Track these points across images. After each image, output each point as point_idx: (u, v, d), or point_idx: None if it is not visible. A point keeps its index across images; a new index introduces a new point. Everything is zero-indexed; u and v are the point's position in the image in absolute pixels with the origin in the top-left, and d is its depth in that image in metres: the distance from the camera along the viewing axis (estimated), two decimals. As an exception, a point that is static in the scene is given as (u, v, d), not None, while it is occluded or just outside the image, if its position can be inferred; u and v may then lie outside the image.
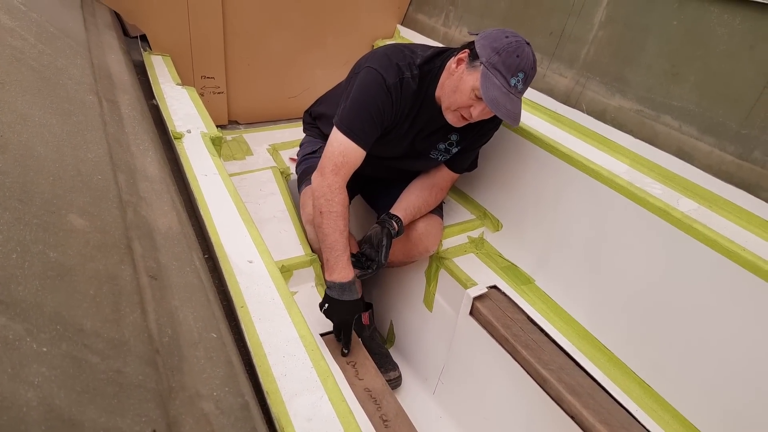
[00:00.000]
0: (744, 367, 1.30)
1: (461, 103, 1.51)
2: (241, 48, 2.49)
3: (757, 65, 1.50)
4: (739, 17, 1.54)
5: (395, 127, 1.65)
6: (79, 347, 0.53)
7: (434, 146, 1.74)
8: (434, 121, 1.65)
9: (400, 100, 1.58)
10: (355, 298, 1.53)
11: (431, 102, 1.62)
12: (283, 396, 0.89)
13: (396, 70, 1.56)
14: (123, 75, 1.54)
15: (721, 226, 1.37)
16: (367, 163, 1.79)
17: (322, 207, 1.56)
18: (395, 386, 1.93)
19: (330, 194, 1.55)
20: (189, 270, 0.92)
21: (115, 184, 0.92)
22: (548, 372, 1.49)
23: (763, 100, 1.49)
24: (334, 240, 1.54)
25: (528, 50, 1.45)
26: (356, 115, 1.57)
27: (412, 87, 1.58)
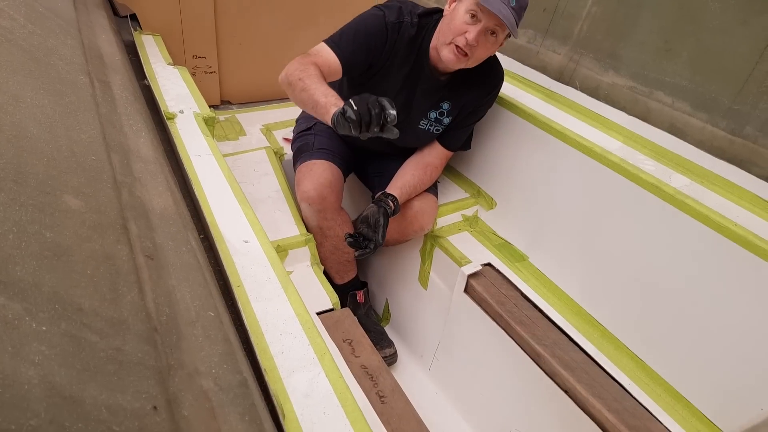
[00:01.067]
0: (735, 340, 1.32)
1: (456, 30, 1.51)
2: (233, 27, 2.46)
3: (749, 41, 1.50)
4: (733, -8, 1.53)
5: (388, 72, 1.65)
6: (78, 326, 0.53)
7: (425, 114, 1.74)
8: (427, 79, 1.65)
9: (396, 40, 1.59)
10: None
11: (425, 55, 1.63)
12: (281, 373, 0.90)
13: (398, 12, 1.59)
14: (114, 55, 1.52)
15: (713, 202, 1.38)
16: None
17: (300, 74, 1.43)
18: (391, 363, 1.96)
19: (300, 66, 1.45)
20: (185, 250, 0.92)
21: (110, 164, 0.92)
22: (542, 347, 1.51)
23: (756, 76, 1.49)
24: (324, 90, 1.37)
25: None
26: (344, 33, 1.58)
27: (410, 32, 1.60)
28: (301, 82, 1.41)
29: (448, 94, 1.70)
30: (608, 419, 1.33)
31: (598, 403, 1.36)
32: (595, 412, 1.36)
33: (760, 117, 1.49)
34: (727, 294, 1.33)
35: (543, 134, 1.76)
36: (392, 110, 1.21)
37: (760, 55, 1.48)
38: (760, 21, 1.47)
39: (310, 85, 1.39)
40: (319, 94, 1.36)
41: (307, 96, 1.39)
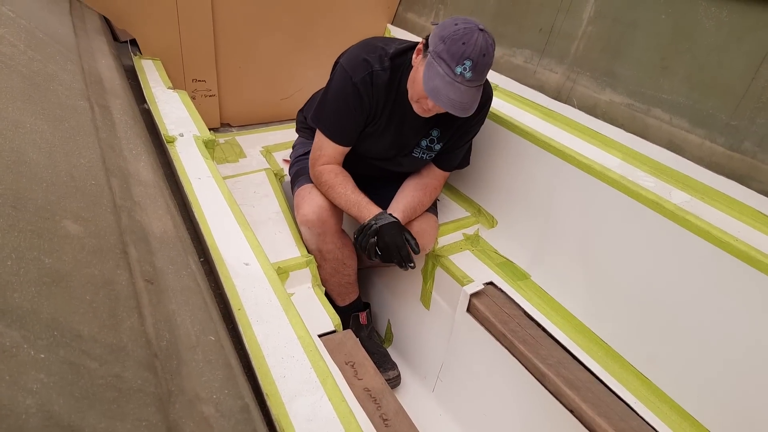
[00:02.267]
0: (739, 356, 1.31)
1: (419, 94, 1.51)
2: (232, 50, 2.48)
3: (745, 57, 1.51)
4: (726, 9, 1.55)
5: (374, 120, 1.67)
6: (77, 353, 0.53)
7: (416, 143, 1.74)
8: (412, 115, 1.64)
9: (371, 93, 1.60)
10: (394, 220, 1.64)
11: (405, 93, 1.62)
12: (283, 397, 0.89)
13: (363, 65, 1.58)
14: (114, 80, 1.53)
15: (713, 217, 1.38)
16: (357, 163, 1.79)
17: (322, 189, 1.71)
18: (394, 385, 1.93)
19: (324, 176, 1.69)
20: (185, 273, 0.91)
21: (109, 188, 0.92)
22: (546, 367, 1.49)
23: (752, 91, 1.50)
24: (346, 200, 1.67)
25: (478, 36, 1.39)
26: (332, 117, 1.66)
27: (383, 78, 1.60)
28: (332, 191, 1.70)
29: (437, 123, 1.70)
30: (615, 439, 1.31)
31: (604, 422, 1.34)
32: (602, 432, 1.34)
33: (758, 132, 1.49)
34: (731, 309, 1.32)
35: (542, 152, 1.76)
36: (411, 263, 1.63)
37: (756, 70, 1.49)
38: (755, 37, 1.49)
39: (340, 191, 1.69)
40: (353, 206, 1.67)
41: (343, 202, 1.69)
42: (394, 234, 1.59)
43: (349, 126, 1.65)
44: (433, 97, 1.43)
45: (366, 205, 1.66)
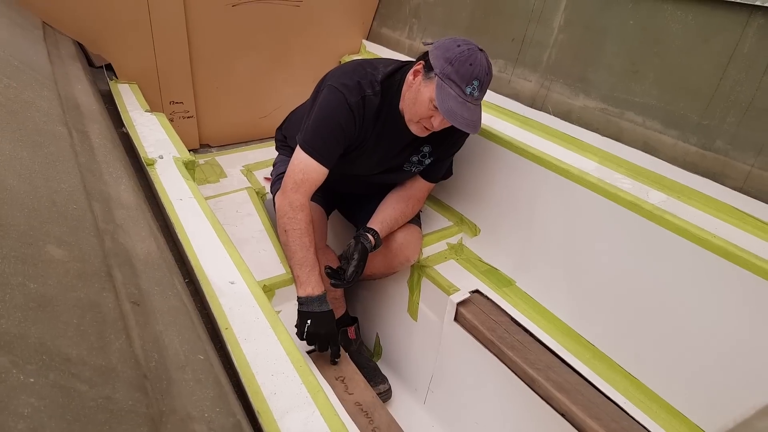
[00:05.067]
0: (724, 350, 1.33)
1: (422, 114, 1.53)
2: (209, 71, 2.49)
3: (712, 58, 1.55)
4: (692, 13, 1.59)
5: (360, 145, 1.66)
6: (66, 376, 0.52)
7: (407, 159, 1.75)
8: (402, 135, 1.66)
9: (362, 117, 1.59)
10: (330, 309, 1.55)
11: (395, 116, 1.62)
12: (275, 414, 0.89)
13: (358, 88, 1.57)
14: (91, 105, 1.53)
15: (690, 216, 1.41)
16: (343, 181, 1.79)
17: (286, 225, 1.58)
18: (385, 399, 1.93)
19: (291, 212, 1.57)
20: (171, 294, 0.91)
21: (91, 212, 0.92)
22: (536, 371, 1.50)
23: (721, 91, 1.54)
24: (303, 257, 1.56)
25: (481, 57, 1.45)
26: (318, 134, 1.59)
27: (375, 103, 1.59)
28: (286, 236, 1.59)
29: (427, 140, 1.71)
30: (607, 440, 1.32)
31: (596, 424, 1.35)
32: (594, 434, 1.35)
33: (728, 131, 1.53)
34: (713, 305, 1.34)
35: (521, 159, 1.79)
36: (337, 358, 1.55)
37: (723, 71, 1.53)
38: (720, 38, 1.53)
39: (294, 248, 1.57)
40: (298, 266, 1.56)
41: (289, 254, 1.59)
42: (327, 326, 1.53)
43: (337, 148, 1.61)
44: (450, 118, 1.45)
45: (317, 276, 1.56)
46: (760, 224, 1.36)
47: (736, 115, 1.52)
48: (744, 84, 1.50)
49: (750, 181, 1.49)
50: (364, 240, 1.68)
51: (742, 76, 1.50)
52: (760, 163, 1.47)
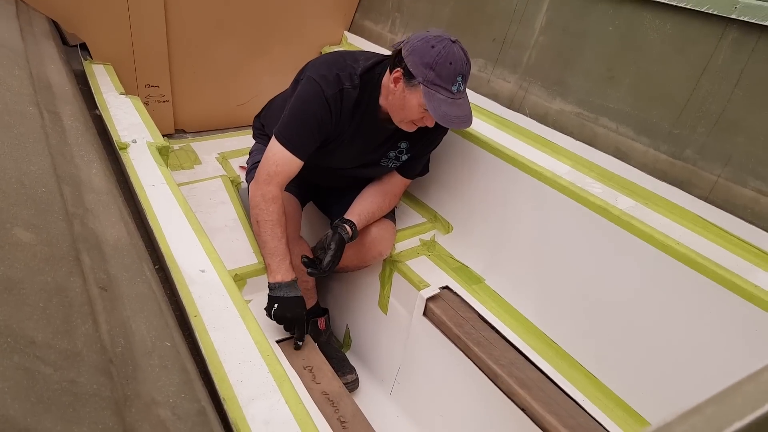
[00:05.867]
0: (681, 354, 1.37)
1: (413, 117, 1.55)
2: (186, 55, 2.46)
3: (686, 68, 1.59)
4: (670, 22, 1.63)
5: (337, 138, 1.66)
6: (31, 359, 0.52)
7: (385, 154, 1.77)
8: (380, 129, 1.66)
9: (340, 111, 1.59)
10: (299, 294, 1.59)
11: (374, 110, 1.63)
12: (240, 401, 0.90)
13: (336, 80, 1.57)
14: (64, 85, 1.50)
15: (656, 222, 1.44)
16: (318, 173, 1.80)
17: (258, 216, 1.60)
18: (353, 389, 1.95)
19: (264, 204, 1.59)
20: (140, 281, 0.91)
21: (60, 196, 0.91)
22: (499, 367, 1.53)
23: (693, 101, 1.58)
24: (274, 247, 1.59)
25: (457, 50, 1.45)
26: (294, 126, 1.59)
27: (353, 96, 1.59)
28: (258, 226, 1.62)
29: (405, 136, 1.72)
30: (564, 435, 1.36)
31: (554, 420, 1.38)
32: (551, 429, 1.38)
33: (698, 141, 1.57)
34: (673, 309, 1.39)
35: (496, 160, 1.81)
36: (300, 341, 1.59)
37: (697, 81, 1.57)
38: (695, 50, 1.57)
39: (265, 239, 1.60)
40: (269, 255, 1.60)
41: (261, 243, 1.63)
42: (294, 310, 1.58)
43: (312, 140, 1.61)
44: (445, 123, 1.47)
45: (288, 264, 1.60)
46: (723, 233, 1.41)
47: (706, 126, 1.56)
48: (716, 95, 1.54)
49: (716, 191, 1.54)
50: (342, 230, 1.69)
51: (714, 88, 1.54)
52: (727, 173, 1.52)
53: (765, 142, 1.44)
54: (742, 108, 1.48)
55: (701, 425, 0.32)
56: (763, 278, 1.26)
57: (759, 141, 1.45)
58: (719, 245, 1.37)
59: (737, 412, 0.33)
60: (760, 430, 0.34)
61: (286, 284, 1.58)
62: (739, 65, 1.48)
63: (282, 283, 1.57)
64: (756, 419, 0.33)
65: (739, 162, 1.49)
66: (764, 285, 1.24)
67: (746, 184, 1.48)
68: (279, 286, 1.57)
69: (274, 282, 1.58)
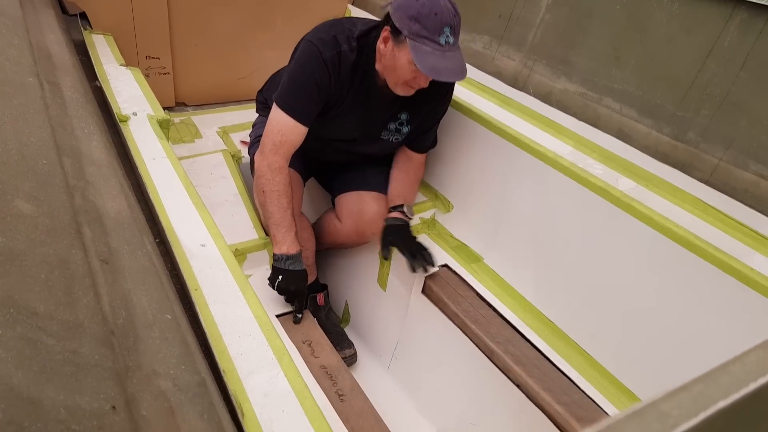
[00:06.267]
0: (676, 335, 1.39)
1: (406, 77, 1.52)
2: (188, 27, 2.43)
3: (693, 49, 1.58)
4: (678, 2, 1.60)
5: (338, 102, 1.65)
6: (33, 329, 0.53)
7: (385, 126, 1.75)
8: (379, 94, 1.65)
9: (338, 73, 1.58)
10: (302, 268, 1.61)
11: (372, 76, 1.62)
12: (240, 374, 0.91)
13: (333, 42, 1.56)
14: (63, 55, 1.49)
15: (657, 205, 1.44)
16: (322, 147, 1.79)
17: (264, 186, 1.60)
18: (351, 363, 1.97)
19: (270, 174, 1.59)
20: (140, 254, 0.92)
21: (61, 168, 0.91)
22: (496, 344, 1.55)
23: (698, 84, 1.57)
24: (280, 218, 1.59)
25: (443, 1, 1.42)
26: (294, 91, 1.58)
27: (351, 59, 1.58)
28: (264, 197, 1.61)
29: (405, 105, 1.71)
30: (557, 411, 1.38)
31: (548, 396, 1.40)
32: (545, 405, 1.41)
33: (701, 123, 1.57)
34: (670, 291, 1.40)
35: (498, 139, 1.80)
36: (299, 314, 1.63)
37: (703, 63, 1.56)
38: (703, 31, 1.55)
39: (271, 210, 1.60)
40: (275, 226, 1.60)
41: (266, 214, 1.63)
42: (298, 283, 1.60)
43: (314, 105, 1.60)
44: (434, 75, 1.43)
45: (293, 236, 1.61)
46: (722, 217, 1.41)
47: (710, 108, 1.55)
48: (721, 78, 1.52)
49: (717, 174, 1.54)
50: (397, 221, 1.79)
51: (720, 70, 1.52)
52: (728, 157, 1.52)
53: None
54: (747, 91, 1.47)
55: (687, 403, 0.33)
56: (761, 262, 1.27)
57: (762, 125, 1.45)
58: (718, 228, 1.38)
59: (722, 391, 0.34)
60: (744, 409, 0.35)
61: (291, 257, 1.58)
62: (745, 47, 1.47)
63: (287, 255, 1.58)
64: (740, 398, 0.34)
65: (741, 145, 1.49)
66: (761, 269, 1.25)
67: (747, 168, 1.48)
68: (284, 258, 1.58)
69: (279, 253, 1.59)
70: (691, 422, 0.32)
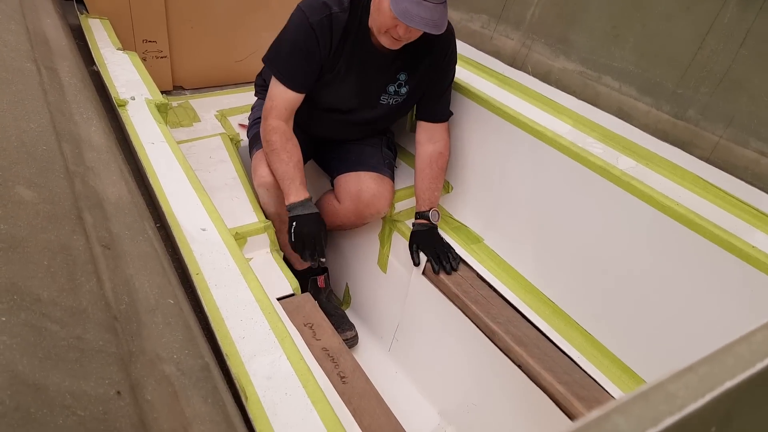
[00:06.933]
0: (677, 313, 1.39)
1: (386, 24, 1.50)
2: (184, 10, 2.41)
3: (692, 27, 1.56)
4: (676, -21, 1.59)
5: (333, 66, 1.65)
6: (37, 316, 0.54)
7: (383, 89, 1.74)
8: (376, 56, 1.64)
9: (330, 37, 1.58)
10: (315, 211, 1.67)
11: (366, 34, 1.62)
12: (242, 357, 0.92)
13: (322, 6, 1.57)
14: (60, 40, 1.48)
15: (657, 183, 1.44)
16: (320, 120, 1.79)
17: (265, 149, 1.69)
18: (352, 345, 1.98)
19: (266, 137, 1.67)
20: (142, 239, 0.92)
21: (61, 154, 0.91)
22: (496, 325, 1.56)
23: (698, 61, 1.56)
24: (283, 171, 1.66)
25: None
26: (282, 58, 1.63)
27: (342, 20, 1.58)
28: (268, 157, 1.68)
29: (403, 65, 1.70)
30: (559, 391, 1.39)
31: (549, 376, 1.42)
32: (547, 385, 1.42)
33: (701, 101, 1.56)
34: (670, 269, 1.40)
35: (497, 119, 1.79)
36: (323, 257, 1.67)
37: (702, 40, 1.55)
38: (703, 7, 1.54)
39: (276, 166, 1.67)
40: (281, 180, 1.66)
41: (274, 171, 1.69)
42: (310, 225, 1.65)
43: (303, 70, 1.61)
44: (405, 20, 1.43)
45: (298, 185, 1.66)
46: (722, 194, 1.41)
47: (709, 86, 1.54)
48: (721, 54, 1.51)
49: (717, 152, 1.54)
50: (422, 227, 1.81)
51: (720, 47, 1.51)
52: (729, 134, 1.51)
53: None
54: (747, 68, 1.47)
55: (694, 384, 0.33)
56: (761, 239, 1.27)
57: (762, 102, 1.44)
58: (718, 206, 1.38)
59: (729, 371, 0.35)
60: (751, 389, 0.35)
61: (300, 203, 1.64)
62: (745, 24, 1.46)
63: (296, 203, 1.64)
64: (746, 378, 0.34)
65: (741, 123, 1.48)
66: (762, 246, 1.25)
67: (747, 145, 1.48)
68: (294, 206, 1.64)
69: (289, 203, 1.65)
70: (698, 403, 0.32)
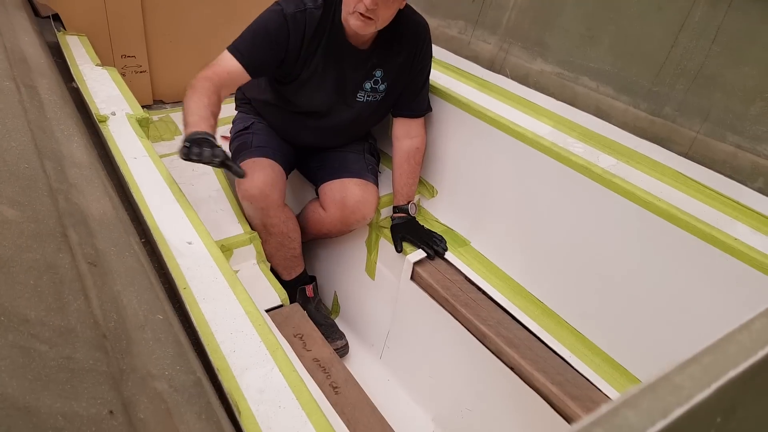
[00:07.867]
0: (664, 308, 1.41)
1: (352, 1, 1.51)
2: (162, 24, 2.40)
3: (665, 25, 1.59)
4: (647, -21, 1.62)
5: (307, 64, 1.65)
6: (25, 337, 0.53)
7: (360, 86, 1.75)
8: (350, 53, 1.65)
9: (302, 30, 1.59)
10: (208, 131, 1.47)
11: (340, 30, 1.63)
12: (234, 371, 0.91)
13: (297, 1, 1.58)
14: (39, 58, 1.46)
15: (638, 179, 1.46)
16: (297, 127, 1.79)
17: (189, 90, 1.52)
18: (343, 354, 1.98)
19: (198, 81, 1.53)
20: (128, 255, 0.91)
21: (43, 172, 0.90)
22: (487, 327, 1.57)
23: (672, 59, 1.59)
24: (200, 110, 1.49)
25: None
26: (244, 37, 1.61)
27: (316, 17, 1.59)
28: (186, 99, 1.51)
29: (378, 62, 1.71)
30: (552, 391, 1.40)
31: (542, 377, 1.42)
32: (540, 386, 1.43)
33: (677, 98, 1.59)
34: (654, 264, 1.42)
35: (478, 122, 1.81)
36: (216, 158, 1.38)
37: (675, 38, 1.58)
38: (674, 6, 1.57)
39: (188, 103, 1.49)
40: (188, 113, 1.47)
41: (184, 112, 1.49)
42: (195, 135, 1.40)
43: (261, 55, 1.60)
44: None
45: (199, 122, 1.45)
46: (703, 188, 1.43)
47: (684, 83, 1.57)
48: (694, 52, 1.54)
49: (695, 147, 1.56)
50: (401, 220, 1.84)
51: (692, 44, 1.54)
52: (705, 129, 1.54)
53: (742, 97, 1.46)
54: (720, 64, 1.49)
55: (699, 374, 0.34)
56: (743, 231, 1.29)
57: (736, 96, 1.47)
58: (699, 200, 1.40)
59: (732, 360, 0.35)
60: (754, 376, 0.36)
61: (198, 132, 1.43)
62: (716, 21, 1.49)
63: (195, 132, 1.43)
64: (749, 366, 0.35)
65: (717, 118, 1.51)
66: (744, 238, 1.27)
67: (724, 140, 1.50)
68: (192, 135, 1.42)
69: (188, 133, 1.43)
70: (705, 393, 0.33)
